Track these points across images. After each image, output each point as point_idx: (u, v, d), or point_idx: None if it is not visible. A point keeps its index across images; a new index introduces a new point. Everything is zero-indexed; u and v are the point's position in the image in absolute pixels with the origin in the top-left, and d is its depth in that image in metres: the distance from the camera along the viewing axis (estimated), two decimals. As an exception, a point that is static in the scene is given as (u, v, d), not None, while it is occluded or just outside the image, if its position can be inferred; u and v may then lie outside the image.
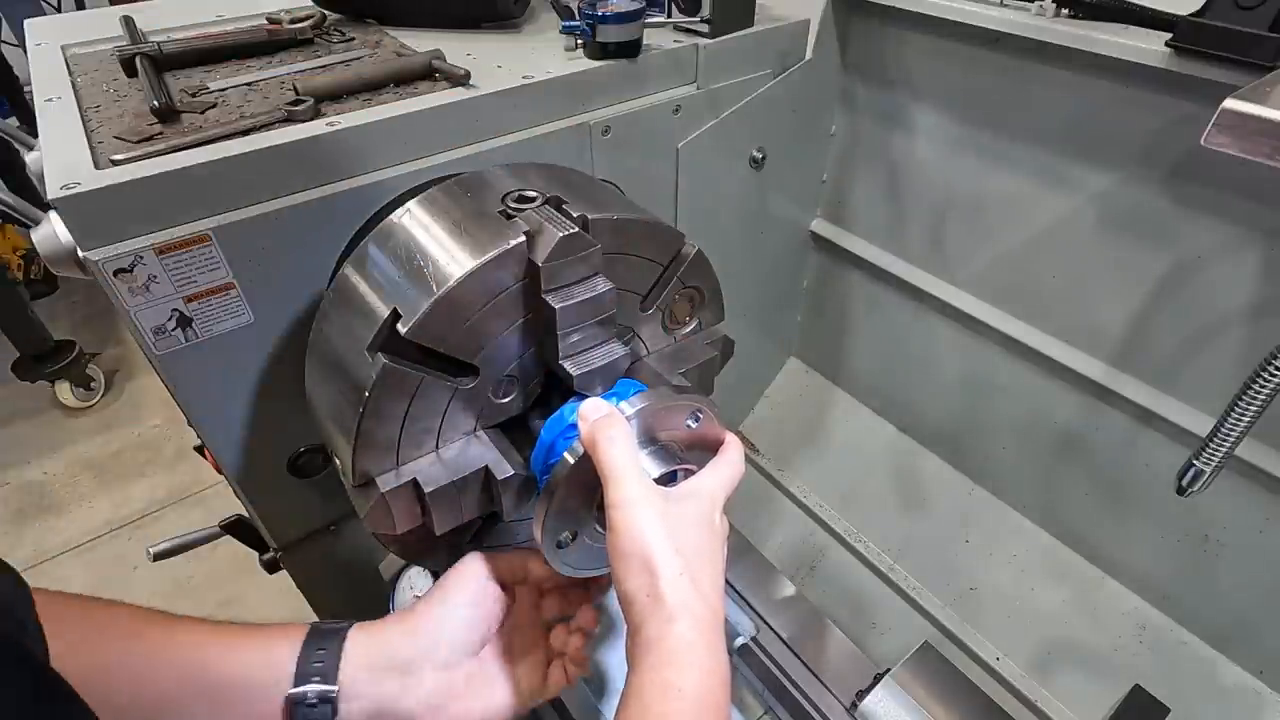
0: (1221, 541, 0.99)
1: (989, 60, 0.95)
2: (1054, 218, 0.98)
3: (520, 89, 0.77)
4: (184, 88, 0.78)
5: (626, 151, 0.87)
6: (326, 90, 0.74)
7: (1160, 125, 0.83)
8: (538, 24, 0.98)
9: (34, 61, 0.86)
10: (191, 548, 1.04)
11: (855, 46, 1.10)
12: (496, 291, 0.59)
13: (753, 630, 0.94)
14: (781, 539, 1.35)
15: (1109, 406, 1.02)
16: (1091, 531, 1.14)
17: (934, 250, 1.15)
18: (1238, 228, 0.82)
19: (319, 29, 0.92)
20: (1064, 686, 1.07)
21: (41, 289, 2.96)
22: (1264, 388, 0.63)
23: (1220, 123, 0.52)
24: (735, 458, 0.59)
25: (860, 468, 1.36)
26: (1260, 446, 0.89)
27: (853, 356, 1.39)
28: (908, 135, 1.10)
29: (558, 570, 0.62)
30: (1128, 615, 1.10)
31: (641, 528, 0.50)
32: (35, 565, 2.15)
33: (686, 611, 0.48)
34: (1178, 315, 0.91)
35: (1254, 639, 1.00)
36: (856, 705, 0.86)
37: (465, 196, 0.66)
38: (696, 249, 0.69)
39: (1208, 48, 0.71)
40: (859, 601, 1.24)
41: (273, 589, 2.02)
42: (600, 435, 0.53)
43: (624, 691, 0.48)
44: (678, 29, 0.93)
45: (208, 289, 0.65)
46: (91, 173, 0.61)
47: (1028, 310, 1.07)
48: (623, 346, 0.64)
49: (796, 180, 1.20)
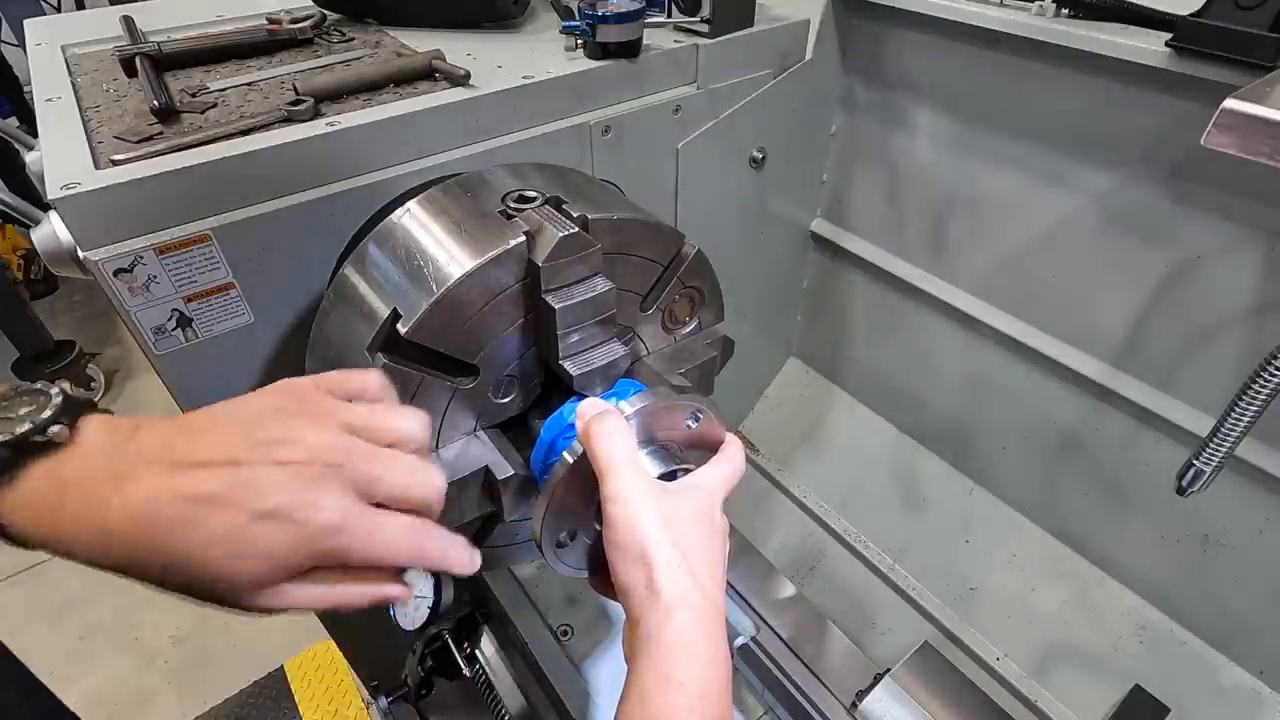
0: (1221, 541, 0.99)
1: (989, 60, 0.95)
2: (1054, 218, 0.98)
3: (520, 89, 0.77)
4: (184, 88, 0.78)
5: (626, 151, 0.87)
6: (326, 90, 0.74)
7: (1160, 125, 0.83)
8: (538, 24, 0.98)
9: (34, 61, 0.86)
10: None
11: (855, 46, 1.10)
12: (496, 291, 0.59)
13: (753, 630, 0.94)
14: (781, 539, 1.35)
15: (1109, 406, 1.02)
16: (1091, 531, 1.14)
17: (934, 250, 1.15)
18: (1238, 228, 0.82)
19: (319, 29, 0.92)
20: (1064, 686, 1.07)
21: (41, 289, 2.96)
22: (1264, 388, 0.63)
23: (1220, 123, 0.52)
24: (735, 456, 0.59)
25: (860, 468, 1.36)
26: (1260, 446, 0.89)
27: (853, 356, 1.39)
28: (908, 135, 1.10)
29: (557, 571, 0.62)
30: (1128, 615, 1.10)
31: (638, 520, 0.50)
32: (35, 565, 2.15)
33: (685, 604, 0.48)
34: (1178, 315, 0.91)
35: (1254, 639, 1.00)
36: (856, 705, 0.86)
37: (465, 196, 0.66)
38: (696, 249, 0.69)
39: (1208, 48, 0.71)
40: (859, 601, 1.24)
41: (273, 589, 2.02)
42: (596, 431, 0.53)
43: (624, 687, 0.48)
44: (678, 29, 0.93)
45: (208, 289, 0.65)
46: (91, 173, 0.61)
47: (1028, 310, 1.07)
48: (623, 346, 0.64)
49: (796, 180, 1.20)
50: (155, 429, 0.43)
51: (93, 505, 0.40)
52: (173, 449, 0.42)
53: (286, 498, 0.41)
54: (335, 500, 0.43)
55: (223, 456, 0.42)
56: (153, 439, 0.42)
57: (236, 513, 0.40)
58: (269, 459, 0.42)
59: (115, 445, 0.42)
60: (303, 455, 0.43)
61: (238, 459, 0.42)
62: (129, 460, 0.41)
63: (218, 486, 0.40)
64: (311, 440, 0.43)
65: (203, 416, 0.45)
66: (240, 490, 0.41)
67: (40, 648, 1.97)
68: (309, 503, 0.42)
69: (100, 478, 0.40)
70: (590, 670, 0.90)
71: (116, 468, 0.41)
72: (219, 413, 0.45)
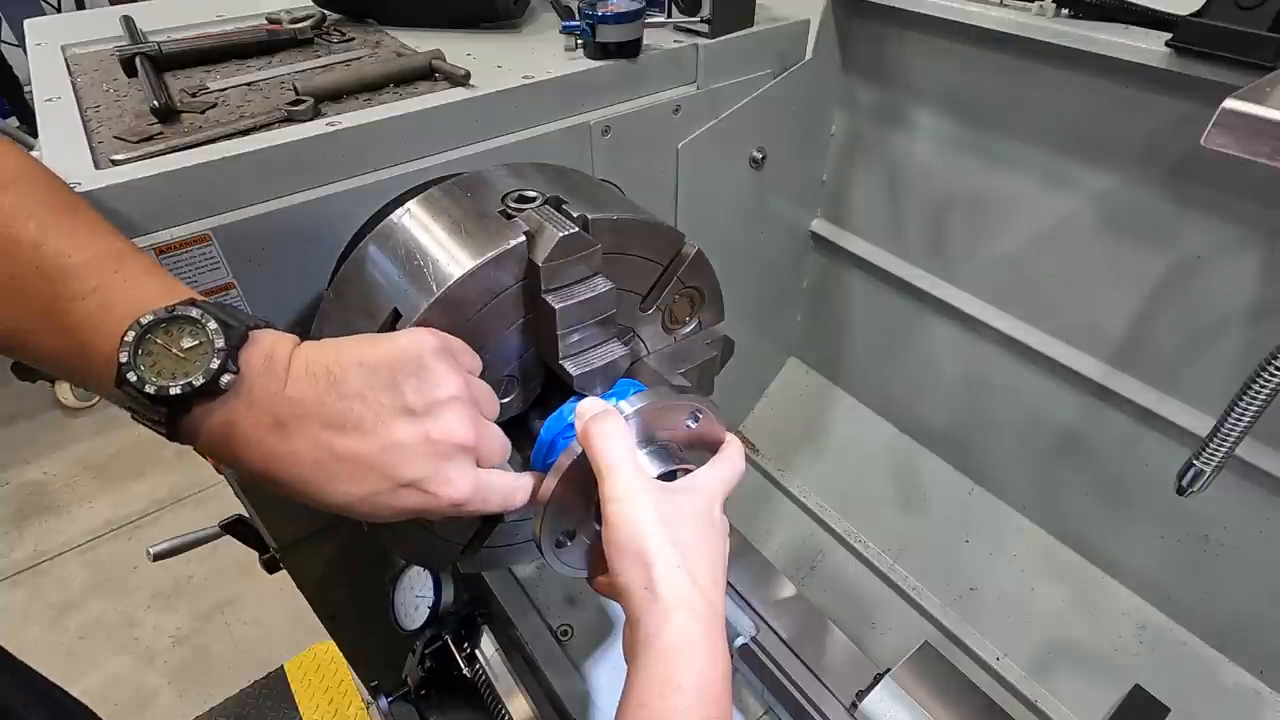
0: (1221, 541, 0.99)
1: (989, 60, 0.95)
2: (1054, 218, 0.98)
3: (520, 89, 0.77)
4: (184, 88, 0.78)
5: (626, 151, 0.87)
6: (326, 90, 0.74)
7: (1160, 125, 0.83)
8: (538, 24, 0.98)
9: (34, 61, 0.86)
10: (191, 548, 1.04)
11: (855, 46, 1.10)
12: (496, 291, 0.59)
13: (753, 630, 0.94)
14: (781, 539, 1.35)
15: (1109, 406, 1.02)
16: (1091, 531, 1.14)
17: (934, 250, 1.15)
18: (1238, 228, 0.82)
19: (319, 29, 0.92)
20: (1064, 686, 1.07)
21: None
22: (1264, 388, 0.63)
23: (1220, 123, 0.52)
24: (735, 456, 0.59)
25: (860, 468, 1.36)
26: (1260, 446, 0.89)
27: (853, 356, 1.39)
28: (908, 135, 1.10)
29: (557, 571, 0.62)
30: (1128, 615, 1.10)
31: (636, 520, 0.50)
32: (35, 565, 2.15)
33: (683, 605, 0.48)
34: (1178, 315, 0.91)
35: (1254, 639, 1.00)
36: (856, 705, 0.86)
37: (465, 196, 0.66)
38: (696, 249, 0.69)
39: (1208, 48, 0.71)
40: (859, 601, 1.24)
41: (273, 589, 2.02)
42: (595, 431, 0.53)
43: (624, 688, 0.48)
44: (678, 29, 0.93)
45: (208, 289, 0.65)
46: (91, 173, 0.61)
47: (1028, 310, 1.07)
48: (623, 346, 0.64)
49: (796, 180, 1.20)
50: (306, 381, 0.46)
51: (255, 448, 0.45)
52: (324, 406, 0.46)
53: (426, 472, 0.48)
54: (465, 477, 0.50)
55: (373, 422, 0.47)
56: (306, 392, 0.46)
57: (381, 479, 0.47)
58: (415, 432, 0.47)
59: (273, 394, 0.45)
60: (443, 432, 0.48)
61: (386, 427, 0.47)
62: (287, 410, 0.45)
63: (367, 451, 0.46)
64: (451, 418, 0.49)
65: (350, 366, 0.47)
66: (387, 457, 0.47)
67: (40, 648, 1.97)
68: (445, 478, 0.49)
69: (265, 423, 0.44)
70: (590, 670, 0.90)
71: (277, 415, 0.45)
72: (366, 361, 0.48)
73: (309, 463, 0.45)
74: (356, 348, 0.48)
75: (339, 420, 0.46)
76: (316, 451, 0.45)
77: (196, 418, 0.43)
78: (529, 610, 0.95)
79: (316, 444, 0.45)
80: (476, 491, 0.50)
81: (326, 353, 0.47)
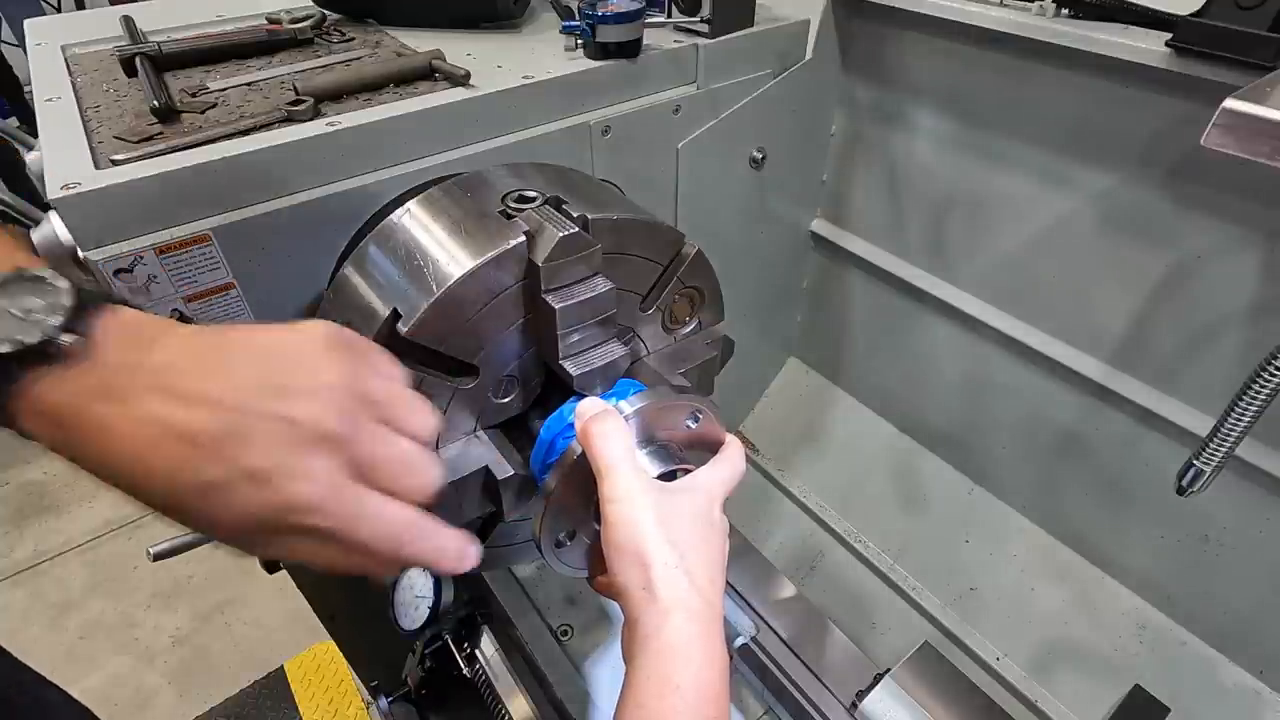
0: (1221, 541, 0.99)
1: (989, 60, 0.95)
2: (1054, 218, 0.98)
3: (520, 89, 0.77)
4: (184, 88, 0.78)
5: (626, 151, 0.87)
6: (326, 90, 0.74)
7: (1160, 125, 0.83)
8: (538, 24, 0.98)
9: (34, 61, 0.86)
10: (191, 548, 1.04)
11: (855, 46, 1.10)
12: (496, 291, 0.59)
13: (753, 630, 0.94)
14: (781, 539, 1.35)
15: (1109, 406, 1.02)
16: (1091, 531, 1.14)
17: (934, 250, 1.15)
18: (1238, 228, 0.82)
19: (319, 29, 0.92)
20: (1064, 686, 1.07)
21: (42, 289, 2.95)
22: (1264, 388, 0.63)
23: (1220, 123, 0.52)
24: (735, 456, 0.59)
25: (860, 468, 1.36)
26: (1260, 446, 0.89)
27: (853, 356, 1.39)
28: (908, 135, 1.10)
29: (557, 571, 0.62)
30: (1128, 615, 1.10)
31: (635, 520, 0.50)
32: (35, 565, 2.15)
33: (681, 605, 0.48)
34: (1178, 315, 0.91)
35: (1254, 639, 1.00)
36: (856, 705, 0.86)
37: (465, 196, 0.66)
38: (696, 249, 0.69)
39: (1208, 48, 0.71)
40: (859, 601, 1.24)
41: (273, 589, 2.02)
42: (594, 431, 0.53)
43: (622, 688, 0.48)
44: (678, 29, 0.93)
45: (208, 289, 0.65)
46: (91, 173, 0.61)
47: (1028, 310, 1.07)
48: (623, 346, 0.64)
49: (796, 180, 1.20)
50: (174, 347, 0.40)
51: (94, 427, 0.38)
52: (182, 375, 0.39)
53: (273, 460, 0.39)
54: (323, 474, 0.40)
55: (229, 398, 0.39)
56: (166, 358, 0.39)
57: (221, 464, 0.38)
58: (274, 411, 0.39)
59: (127, 363, 0.39)
60: (309, 414, 0.40)
61: (241, 404, 0.39)
62: (135, 380, 0.38)
63: (211, 428, 0.38)
64: (323, 401, 0.41)
65: (232, 342, 0.42)
66: (231, 439, 0.38)
67: (40, 648, 1.97)
68: (294, 471, 0.39)
69: (106, 397, 0.38)
70: (590, 670, 0.90)
71: (123, 384, 0.38)
72: (250, 342, 0.42)
73: (144, 440, 0.38)
74: (248, 332, 0.43)
75: (192, 395, 0.39)
76: (154, 426, 0.38)
77: (30, 389, 0.37)
78: (529, 610, 0.95)
79: (156, 418, 0.38)
80: (339, 501, 0.40)
81: (214, 334, 0.42)
